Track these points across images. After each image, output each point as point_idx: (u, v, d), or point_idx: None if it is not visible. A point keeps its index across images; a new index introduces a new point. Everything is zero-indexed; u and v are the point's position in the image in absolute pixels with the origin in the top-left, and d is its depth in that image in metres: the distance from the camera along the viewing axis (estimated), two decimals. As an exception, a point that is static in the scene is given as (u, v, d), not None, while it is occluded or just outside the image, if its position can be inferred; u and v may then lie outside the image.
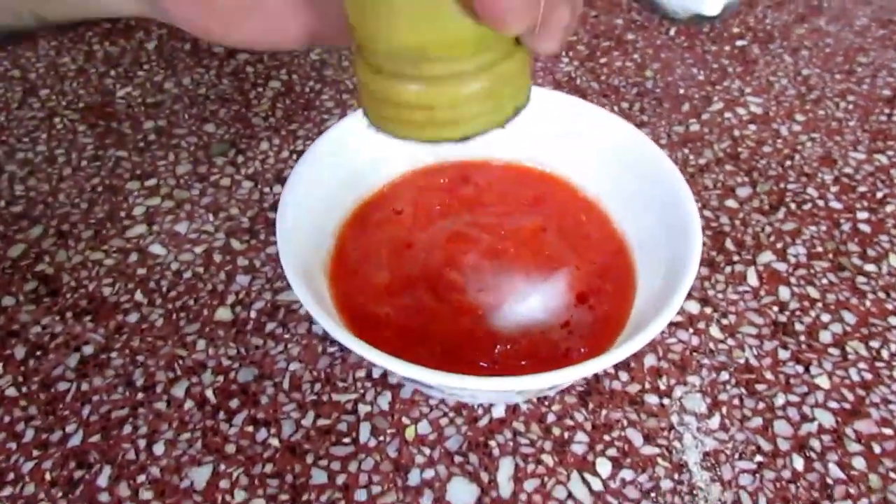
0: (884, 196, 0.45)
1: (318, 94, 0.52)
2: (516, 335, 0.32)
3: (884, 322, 0.38)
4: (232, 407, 0.34)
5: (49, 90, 0.51)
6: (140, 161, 0.46)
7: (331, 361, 0.36)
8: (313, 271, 0.33)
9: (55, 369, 0.35)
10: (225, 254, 0.40)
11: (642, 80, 0.54)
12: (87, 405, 0.34)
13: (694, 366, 0.36)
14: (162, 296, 0.38)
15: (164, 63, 0.54)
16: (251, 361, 0.36)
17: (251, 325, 0.37)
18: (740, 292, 0.39)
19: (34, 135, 0.48)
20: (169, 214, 0.43)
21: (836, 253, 0.42)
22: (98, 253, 0.40)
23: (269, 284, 0.39)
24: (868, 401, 0.35)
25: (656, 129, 0.49)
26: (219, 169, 0.46)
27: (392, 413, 0.34)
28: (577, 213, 0.38)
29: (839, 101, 0.53)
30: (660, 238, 0.34)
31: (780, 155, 0.48)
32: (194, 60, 0.54)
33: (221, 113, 0.50)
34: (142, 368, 0.35)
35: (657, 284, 0.32)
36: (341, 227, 0.36)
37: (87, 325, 0.37)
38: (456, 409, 0.34)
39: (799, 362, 0.36)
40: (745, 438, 0.33)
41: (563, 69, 0.55)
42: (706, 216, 0.43)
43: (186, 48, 0.56)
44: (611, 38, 0.58)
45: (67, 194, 0.44)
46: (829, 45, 0.58)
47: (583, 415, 0.34)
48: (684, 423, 0.34)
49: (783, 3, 0.64)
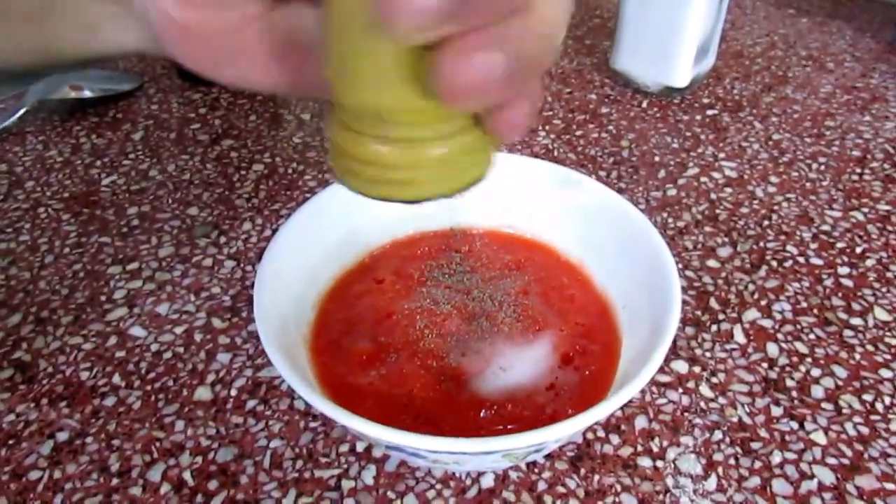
0: (863, 251, 0.46)
1: (300, 174, 0.53)
2: (501, 400, 0.31)
3: (875, 375, 0.38)
4: (210, 489, 0.32)
5: (35, 182, 0.52)
6: (123, 245, 0.46)
7: (313, 437, 0.34)
8: (294, 344, 0.33)
9: (27, 458, 0.34)
10: (206, 333, 0.40)
11: (618, 149, 0.55)
12: (59, 494, 0.32)
13: (686, 426, 0.35)
14: (140, 378, 0.38)
15: (149, 152, 0.55)
16: (231, 440, 0.34)
17: (231, 403, 0.36)
18: (728, 350, 0.39)
19: (17, 225, 0.48)
20: (150, 296, 0.42)
21: (821, 308, 0.42)
22: (77, 338, 0.40)
23: (251, 361, 0.38)
24: (867, 455, 0.34)
25: (634, 195, 0.50)
26: (201, 250, 0.46)
27: (377, 487, 0.32)
28: (560, 276, 0.38)
29: (811, 163, 0.54)
30: (642, 298, 0.34)
31: (757, 215, 0.49)
32: (179, 148, 0.56)
33: (205, 196, 0.50)
34: (117, 453, 0.34)
35: (641, 344, 0.32)
36: (322, 298, 0.36)
37: (63, 411, 0.36)
38: (443, 480, 0.33)
39: (793, 418, 0.35)
40: (744, 499, 0.32)
41: (541, 142, 0.56)
42: (688, 276, 0.43)
43: (172, 137, 0.57)
44: (586, 112, 0.60)
45: (48, 281, 0.44)
46: (797, 112, 0.60)
47: (575, 481, 0.33)
48: (680, 485, 0.33)
49: (749, 74, 0.66)
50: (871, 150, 0.55)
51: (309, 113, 0.60)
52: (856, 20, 0.76)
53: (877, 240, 0.46)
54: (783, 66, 0.68)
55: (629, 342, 0.34)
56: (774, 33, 0.74)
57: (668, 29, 0.57)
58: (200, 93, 0.63)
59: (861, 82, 0.65)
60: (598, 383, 0.32)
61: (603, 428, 0.35)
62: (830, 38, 0.73)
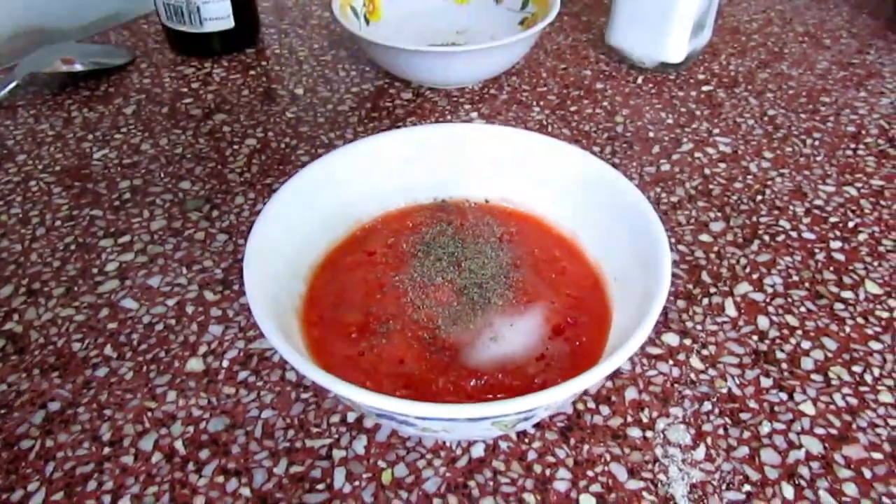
0: (855, 225, 0.46)
1: (293, 149, 0.52)
2: (491, 370, 0.31)
3: (865, 347, 0.38)
4: (202, 458, 0.33)
5: (26, 155, 0.52)
6: (114, 219, 0.46)
7: (304, 407, 0.35)
8: (285, 316, 0.33)
9: (19, 427, 0.34)
10: (198, 305, 0.40)
11: (612, 125, 0.55)
12: (51, 462, 0.32)
13: (676, 397, 0.35)
14: (132, 349, 0.38)
15: (141, 126, 0.55)
16: (222, 411, 0.35)
17: (223, 374, 0.36)
18: (719, 323, 0.39)
19: (9, 198, 0.48)
20: (142, 269, 0.42)
21: (813, 282, 0.42)
22: (68, 309, 0.40)
23: (242, 333, 0.38)
24: (855, 426, 0.34)
25: (628, 170, 0.50)
26: (193, 223, 0.46)
27: (368, 457, 0.33)
28: (552, 249, 0.38)
29: (805, 139, 0.54)
30: (633, 271, 0.34)
31: (751, 190, 0.49)
32: (171, 123, 0.55)
33: (197, 171, 0.50)
34: (109, 423, 0.34)
35: (631, 316, 0.32)
36: (313, 271, 0.36)
37: (55, 382, 0.36)
38: (433, 450, 0.33)
39: (782, 390, 0.36)
40: (732, 468, 0.32)
41: (535, 117, 0.56)
42: (681, 251, 0.44)
43: (164, 111, 0.57)
44: (580, 88, 0.60)
45: (40, 254, 0.43)
46: (793, 88, 0.60)
47: (564, 451, 0.33)
48: (669, 455, 0.33)
49: (745, 50, 0.66)
50: (866, 126, 0.55)
51: (302, 88, 0.60)
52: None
53: (869, 214, 0.46)
54: (779, 42, 0.67)
55: (620, 314, 0.34)
56: (771, 9, 0.73)
57: (664, 4, 0.57)
58: (193, 67, 0.62)
59: (857, 58, 0.64)
60: (589, 354, 0.32)
61: (593, 399, 0.35)
62: (827, 14, 0.72)
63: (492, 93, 0.59)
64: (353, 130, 0.54)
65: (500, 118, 0.56)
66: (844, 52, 0.66)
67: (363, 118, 0.56)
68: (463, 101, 0.58)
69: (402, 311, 0.34)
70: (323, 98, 0.58)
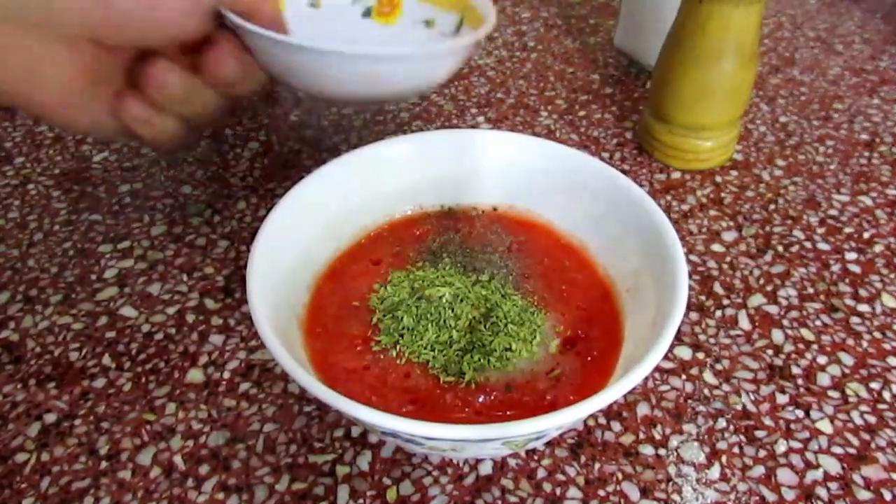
0: (871, 236, 0.45)
1: (296, 153, 0.51)
2: (500, 385, 0.31)
3: (883, 362, 0.37)
4: (201, 473, 0.32)
5: (24, 158, 0.51)
6: (114, 224, 0.45)
7: (307, 421, 0.34)
8: (288, 326, 0.32)
9: (14, 439, 0.33)
10: (198, 313, 0.39)
11: (622, 130, 0.54)
12: (47, 477, 0.32)
13: (689, 413, 0.34)
14: (131, 359, 0.37)
15: (142, 128, 0.54)
16: (223, 424, 0.34)
17: (224, 385, 0.35)
18: (732, 336, 0.38)
19: (6, 202, 0.47)
20: (142, 276, 0.41)
21: (828, 294, 0.41)
22: (66, 317, 0.39)
23: (244, 343, 0.37)
24: (874, 445, 0.33)
25: (638, 178, 0.49)
26: (194, 229, 0.45)
27: (372, 474, 0.32)
28: (561, 258, 0.37)
29: (818, 146, 0.53)
30: (646, 281, 0.33)
31: (763, 199, 0.48)
32: (173, 125, 0.54)
33: (199, 174, 0.49)
34: (106, 436, 0.33)
35: (644, 329, 0.31)
36: (317, 279, 0.35)
37: (51, 392, 0.35)
38: (440, 467, 0.32)
39: (798, 406, 0.35)
40: (748, 489, 0.31)
41: (543, 122, 0.55)
42: (693, 261, 0.43)
43: (165, 113, 0.55)
44: (588, 92, 0.59)
45: (37, 259, 0.43)
46: (805, 94, 0.59)
47: (575, 469, 0.32)
48: (682, 474, 0.32)
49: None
50: (880, 134, 0.54)
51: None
52: (865, 1, 0.75)
53: (885, 225, 0.45)
54: (790, 47, 0.66)
55: (632, 327, 0.33)
56: (782, 14, 0.72)
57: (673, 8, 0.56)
58: (195, 68, 0.61)
59: (870, 65, 0.63)
60: (601, 369, 0.31)
61: (604, 415, 0.34)
62: (839, 20, 0.71)
63: (499, 97, 0.58)
64: (357, 134, 0.53)
65: (507, 122, 0.55)
66: (857, 57, 0.65)
67: (368, 122, 0.55)
68: (469, 104, 0.57)
69: (409, 322, 0.33)
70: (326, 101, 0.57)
